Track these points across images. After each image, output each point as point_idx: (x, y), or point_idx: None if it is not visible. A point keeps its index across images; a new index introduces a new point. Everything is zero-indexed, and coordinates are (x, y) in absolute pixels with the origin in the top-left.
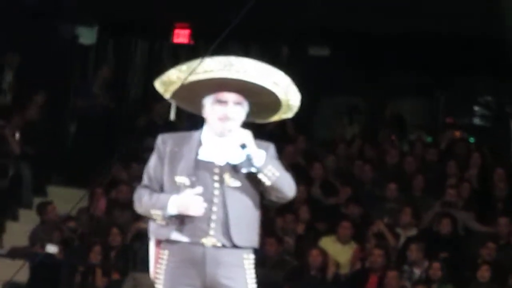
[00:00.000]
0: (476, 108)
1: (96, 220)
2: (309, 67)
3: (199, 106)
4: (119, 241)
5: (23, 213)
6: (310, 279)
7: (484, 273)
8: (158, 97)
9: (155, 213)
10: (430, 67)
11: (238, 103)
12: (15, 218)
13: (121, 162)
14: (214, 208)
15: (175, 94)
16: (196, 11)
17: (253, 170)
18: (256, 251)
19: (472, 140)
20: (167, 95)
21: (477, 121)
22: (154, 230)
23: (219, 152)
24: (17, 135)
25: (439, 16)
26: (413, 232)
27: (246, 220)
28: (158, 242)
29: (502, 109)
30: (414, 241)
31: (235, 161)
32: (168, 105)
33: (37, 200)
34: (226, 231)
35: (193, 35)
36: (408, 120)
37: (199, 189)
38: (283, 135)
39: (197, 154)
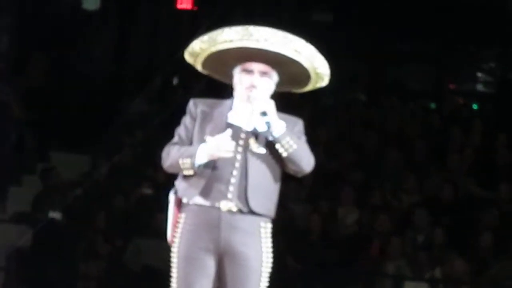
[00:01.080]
0: (479, 74)
1: (99, 185)
2: (312, 32)
3: (230, 76)
4: (122, 207)
5: (26, 178)
6: (312, 244)
7: (486, 239)
8: (162, 63)
9: (184, 162)
10: (434, 33)
11: (264, 73)
12: (18, 183)
13: (124, 127)
14: (235, 172)
15: (205, 66)
16: None
17: (270, 138)
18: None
19: (475, 106)
20: (198, 67)
21: (480, 87)
22: (181, 191)
23: (248, 118)
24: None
25: None
26: (415, 198)
27: (265, 187)
28: (178, 206)
29: (505, 75)
30: (417, 207)
31: (262, 128)
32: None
33: (40, 166)
34: (244, 195)
35: (196, 1)
36: (411, 86)
37: (228, 131)
38: (288, 102)
39: (227, 117)
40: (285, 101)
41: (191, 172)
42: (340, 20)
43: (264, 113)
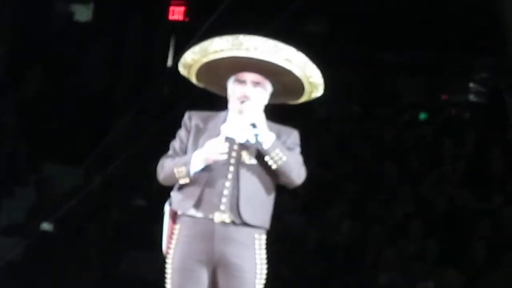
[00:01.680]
0: (471, 85)
1: (92, 197)
2: (306, 44)
3: (225, 88)
4: (116, 219)
5: (18, 190)
6: (305, 255)
7: (479, 250)
8: (154, 74)
9: (179, 170)
10: (426, 44)
11: (257, 83)
12: (10, 195)
13: (118, 138)
14: (227, 184)
15: (199, 78)
16: None
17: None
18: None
19: (468, 117)
20: (192, 79)
21: (472, 97)
22: (175, 203)
23: (240, 130)
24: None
25: None
26: (409, 208)
27: (257, 198)
28: (173, 217)
29: (497, 85)
30: (410, 218)
31: (255, 139)
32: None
33: (33, 178)
34: (236, 207)
35: (188, 12)
36: (404, 97)
37: (223, 135)
38: (282, 114)
39: (220, 130)
40: (279, 112)
41: (187, 180)
42: (334, 32)
43: (253, 125)
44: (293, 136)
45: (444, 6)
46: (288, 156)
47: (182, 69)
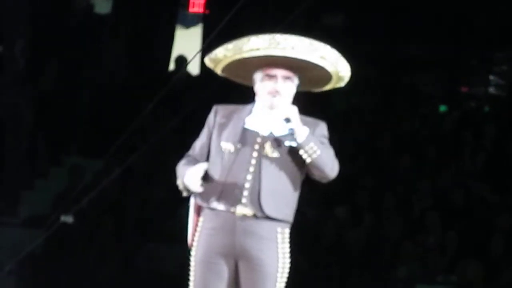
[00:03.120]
0: (491, 77)
1: (112, 190)
2: (324, 37)
3: (250, 79)
4: (135, 212)
5: (38, 182)
6: (326, 247)
7: (498, 243)
8: (174, 67)
9: (178, 182)
10: (446, 37)
11: (287, 78)
12: (30, 187)
13: (137, 131)
14: (249, 177)
15: (225, 70)
16: None
17: (294, 144)
18: None
19: (487, 109)
20: (217, 71)
21: (492, 90)
22: (199, 195)
23: (265, 123)
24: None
25: None
26: (428, 201)
27: (280, 191)
28: (197, 210)
29: None
30: (429, 210)
31: (279, 133)
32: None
33: (52, 170)
34: (257, 200)
35: (208, 5)
36: (423, 90)
37: (203, 165)
38: (301, 108)
39: (244, 123)
40: (297, 105)
41: (185, 194)
42: (353, 24)
43: (287, 120)
44: (320, 127)
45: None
46: (322, 149)
47: (208, 62)
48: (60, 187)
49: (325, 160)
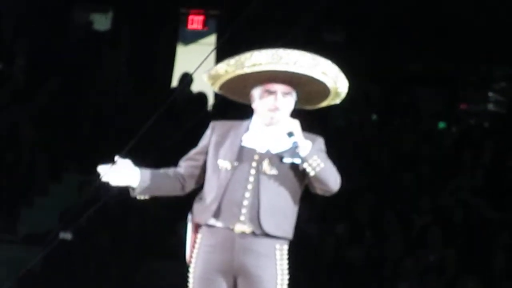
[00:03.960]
0: (490, 94)
1: (111, 206)
2: (324, 53)
3: (248, 96)
4: (135, 229)
5: (37, 200)
6: (325, 264)
7: (499, 260)
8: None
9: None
10: (445, 54)
11: (287, 93)
12: (29, 205)
13: (137, 148)
14: (247, 194)
15: (223, 87)
16: None
17: (296, 161)
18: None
19: (486, 126)
20: (215, 88)
21: (491, 107)
22: (195, 213)
23: (263, 140)
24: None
25: (455, 3)
26: (428, 218)
27: (278, 208)
28: (196, 227)
29: None
30: (429, 228)
31: (277, 149)
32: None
33: (52, 188)
34: (257, 217)
35: (207, 22)
36: (422, 106)
37: (125, 162)
38: (300, 124)
39: (241, 140)
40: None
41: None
42: (352, 41)
43: (290, 134)
44: (318, 142)
45: (463, 16)
46: (325, 162)
47: (207, 79)
48: (60, 204)
49: (329, 172)
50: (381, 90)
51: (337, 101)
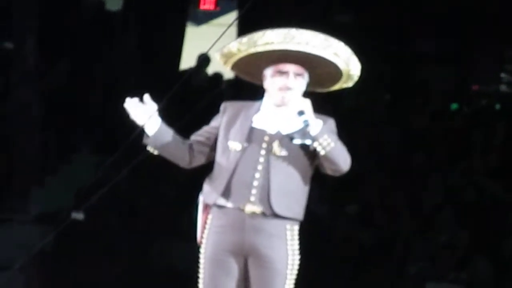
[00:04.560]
0: (503, 75)
1: (122, 187)
2: (334, 33)
3: (260, 76)
4: (145, 208)
5: (48, 179)
6: (335, 245)
7: (509, 242)
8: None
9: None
10: (457, 34)
11: (298, 74)
12: (40, 184)
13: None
14: (257, 175)
15: (235, 65)
16: None
17: (306, 142)
18: None
19: (498, 107)
20: (227, 66)
21: (504, 88)
22: (204, 193)
23: (273, 121)
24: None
25: None
26: (439, 199)
27: (289, 189)
28: (206, 208)
29: None
30: (441, 208)
31: (287, 130)
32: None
33: (63, 167)
34: (267, 198)
35: (219, 1)
36: (434, 86)
37: (153, 105)
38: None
39: (252, 121)
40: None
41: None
42: (363, 21)
43: (301, 112)
44: (329, 123)
45: None
46: (336, 142)
47: (220, 57)
48: (70, 184)
49: (339, 152)
50: (392, 70)
51: (350, 84)
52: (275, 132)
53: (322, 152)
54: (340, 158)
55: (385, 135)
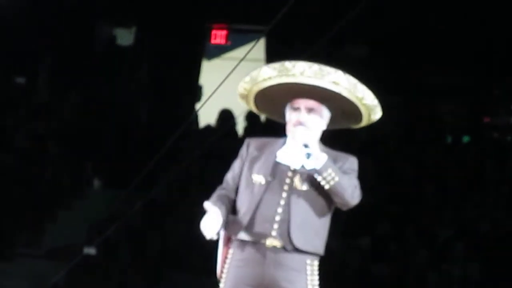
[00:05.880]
0: None
1: (134, 221)
2: (346, 66)
3: (284, 115)
4: (157, 243)
5: (62, 214)
6: (349, 278)
7: None
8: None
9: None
10: (468, 67)
11: (311, 110)
12: (53, 219)
13: (160, 162)
14: (279, 210)
15: (259, 107)
16: (234, 12)
17: (313, 172)
18: None
19: (510, 139)
20: (253, 109)
21: None
22: (228, 226)
23: (296, 156)
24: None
25: (477, 16)
26: (452, 232)
27: (309, 224)
28: (227, 242)
29: None
30: (453, 241)
31: (310, 166)
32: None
33: (76, 202)
34: (287, 233)
35: (229, 36)
36: (446, 120)
37: (215, 211)
38: (326, 138)
39: (275, 156)
40: (321, 136)
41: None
42: (375, 54)
43: (305, 145)
44: (350, 161)
45: (486, 29)
46: (341, 177)
47: (240, 100)
48: (84, 219)
49: (344, 187)
50: (404, 103)
51: (376, 116)
52: (298, 167)
53: (326, 186)
54: (345, 193)
55: (398, 168)
